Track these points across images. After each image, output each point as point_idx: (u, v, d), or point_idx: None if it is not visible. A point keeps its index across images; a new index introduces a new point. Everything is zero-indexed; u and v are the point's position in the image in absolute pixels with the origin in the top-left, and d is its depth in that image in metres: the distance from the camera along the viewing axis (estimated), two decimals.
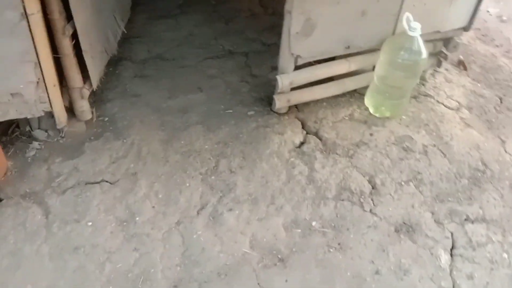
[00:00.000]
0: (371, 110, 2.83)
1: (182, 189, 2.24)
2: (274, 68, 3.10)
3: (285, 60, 2.53)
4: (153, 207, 2.15)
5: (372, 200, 2.28)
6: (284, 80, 2.56)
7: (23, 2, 1.87)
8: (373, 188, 2.34)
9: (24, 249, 1.92)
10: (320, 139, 2.61)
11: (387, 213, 2.22)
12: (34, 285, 1.80)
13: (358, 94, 2.96)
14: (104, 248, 1.94)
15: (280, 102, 2.65)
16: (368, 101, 2.84)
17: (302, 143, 2.58)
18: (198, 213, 2.14)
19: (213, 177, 2.32)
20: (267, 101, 2.83)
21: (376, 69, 2.70)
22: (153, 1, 3.65)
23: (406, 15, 2.47)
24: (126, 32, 3.09)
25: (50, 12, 2.09)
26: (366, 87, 2.85)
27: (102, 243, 1.96)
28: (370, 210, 2.23)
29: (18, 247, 1.92)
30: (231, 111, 2.77)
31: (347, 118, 2.79)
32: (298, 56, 2.52)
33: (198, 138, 2.55)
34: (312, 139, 2.60)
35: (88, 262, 1.88)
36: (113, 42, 2.80)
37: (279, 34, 2.49)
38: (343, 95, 2.90)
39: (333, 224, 2.14)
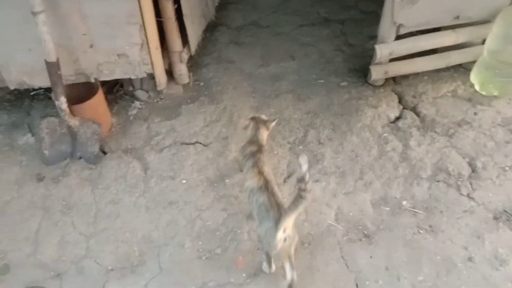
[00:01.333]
0: (477, 87, 2.59)
1: (270, 156, 2.26)
2: (372, 38, 2.95)
3: (386, 28, 2.38)
4: (241, 170, 2.20)
5: (470, 183, 2.11)
6: (383, 50, 2.42)
7: None
8: (473, 171, 2.17)
9: (124, 199, 2.08)
10: (418, 115, 2.45)
11: (486, 198, 2.05)
12: (131, 233, 1.96)
13: (463, 69, 2.72)
14: (196, 205, 2.04)
15: (377, 74, 2.53)
16: (474, 77, 2.60)
17: (397, 118, 2.45)
18: (284, 181, 2.15)
19: (300, 147, 2.31)
20: (362, 72, 2.72)
21: (487, 42, 2.44)
22: None
23: None
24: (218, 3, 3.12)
25: None
26: (473, 62, 2.60)
27: (194, 200, 2.06)
28: (468, 194, 2.07)
29: (119, 197, 2.09)
30: (323, 81, 2.71)
31: (449, 94, 2.59)
32: (400, 25, 2.36)
33: (287, 107, 2.54)
34: (409, 114, 2.46)
35: (181, 217, 2.00)
36: (211, 7, 2.85)
37: (378, 2, 2.34)
38: (446, 69, 2.69)
39: (425, 205, 2.03)
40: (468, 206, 2.02)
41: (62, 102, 2.09)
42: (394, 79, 2.65)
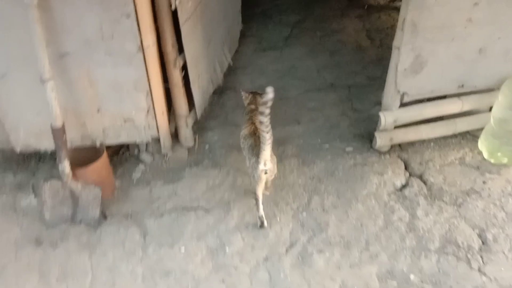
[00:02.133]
0: (485, 155, 2.55)
1: (272, 223, 2.21)
2: (377, 103, 2.97)
3: (390, 96, 2.40)
4: (243, 238, 2.14)
5: (481, 257, 2.02)
6: (387, 118, 2.42)
7: (140, 35, 2.03)
8: (483, 243, 2.08)
9: (120, 267, 2.02)
10: (425, 183, 2.40)
11: (498, 273, 1.94)
12: None
13: (471, 136, 2.69)
14: (193, 275, 1.97)
15: (382, 140, 2.51)
16: (482, 144, 2.57)
17: (404, 186, 2.40)
18: (286, 250, 2.08)
19: (304, 214, 2.25)
20: (368, 138, 2.71)
21: (493, 110, 2.44)
22: (261, 33, 3.76)
23: None
24: (232, 64, 3.21)
25: (164, 45, 2.25)
26: (480, 129, 2.58)
27: (192, 270, 1.99)
28: (479, 269, 1.97)
29: (115, 265, 2.03)
30: (328, 145, 2.70)
31: (457, 161, 2.54)
32: (404, 93, 2.38)
33: (292, 171, 2.51)
34: (416, 182, 2.41)
35: (177, 287, 1.92)
36: (219, 73, 2.92)
37: (385, 68, 2.37)
38: (453, 135, 2.67)
39: (434, 280, 1.93)
40: (479, 282, 1.92)
41: (65, 166, 2.11)
42: (400, 145, 2.63)
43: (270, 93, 1.75)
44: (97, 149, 2.36)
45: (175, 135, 2.62)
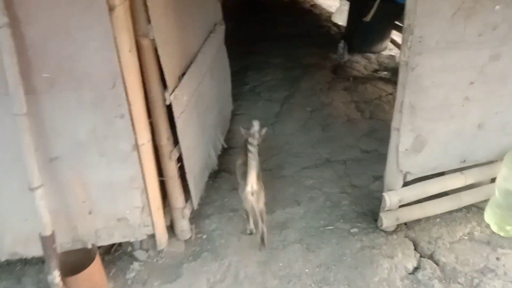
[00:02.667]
0: (493, 228, 2.47)
1: None
2: (376, 178, 2.92)
3: (393, 176, 2.34)
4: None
5: None
6: (392, 198, 2.35)
7: (135, 134, 1.95)
8: None
9: None
10: (437, 264, 2.29)
11: None
12: None
13: (476, 208, 2.63)
14: None
15: (388, 221, 2.42)
16: (489, 217, 2.50)
17: (416, 269, 2.28)
18: None
19: None
20: (371, 216, 2.61)
21: (497, 182, 2.40)
22: (252, 111, 3.74)
23: None
24: (225, 146, 3.15)
25: (159, 138, 2.18)
26: (485, 201, 2.52)
27: None
28: None
29: None
30: (331, 227, 2.59)
31: (466, 237, 2.45)
32: (407, 173, 2.32)
33: (297, 260, 2.38)
34: (428, 263, 2.30)
35: None
36: (213, 157, 2.85)
37: (378, 140, 2.34)
38: (459, 209, 2.59)
39: None
40: None
41: (55, 276, 1.94)
42: (406, 223, 2.54)
43: (255, 126, 2.32)
44: (88, 250, 2.20)
45: (170, 227, 2.48)
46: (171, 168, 2.27)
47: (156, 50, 1.96)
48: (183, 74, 2.25)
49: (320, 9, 6.31)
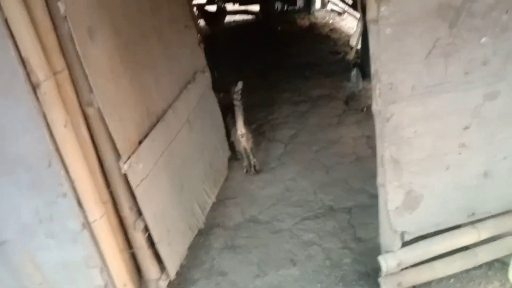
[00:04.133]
0: None
1: None
2: None
3: (388, 237, 2.03)
4: None
5: None
6: (389, 262, 2.03)
7: (84, 211, 1.80)
8: None
9: None
10: None
11: None
12: None
13: (499, 264, 2.23)
14: None
15: (389, 287, 2.09)
16: None
17: None
18: None
19: None
20: (375, 278, 2.28)
21: None
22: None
23: None
24: (215, 199, 2.95)
25: (120, 209, 2.03)
26: (510, 255, 2.13)
27: None
28: None
29: None
30: None
31: None
32: (403, 232, 2.00)
33: None
34: None
35: None
36: (200, 215, 2.65)
37: None
38: (478, 266, 2.21)
39: None
40: None
41: None
42: (414, 287, 2.19)
43: (239, 85, 2.84)
44: None
45: None
46: (138, 239, 2.10)
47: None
48: (146, 136, 2.10)
49: (340, 32, 6.03)
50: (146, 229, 2.13)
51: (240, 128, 2.98)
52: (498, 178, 1.95)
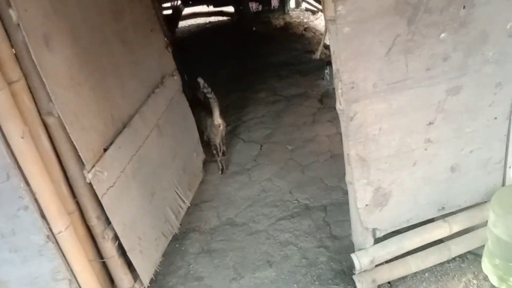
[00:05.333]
0: (493, 281, 2.09)
1: None
2: None
3: (360, 235, 2.03)
4: None
5: None
6: (362, 259, 2.03)
7: (47, 223, 1.76)
8: None
9: None
10: None
11: None
12: None
13: (472, 255, 2.26)
14: None
15: (363, 285, 2.09)
16: (487, 268, 2.12)
17: None
18: None
19: None
20: (350, 275, 2.28)
21: (488, 228, 2.03)
22: (229, 156, 3.51)
23: None
24: (190, 205, 2.92)
25: (87, 219, 1.98)
26: (482, 247, 2.15)
27: None
28: None
29: None
30: None
31: None
32: (375, 229, 2.01)
33: None
34: None
35: None
36: (173, 220, 2.61)
37: None
38: (452, 259, 2.23)
39: None
40: None
41: None
42: (389, 282, 2.20)
43: (201, 81, 2.94)
44: None
45: None
46: (108, 248, 2.06)
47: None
48: (111, 143, 2.05)
49: (314, 31, 6.05)
50: (116, 237, 2.09)
51: (217, 119, 3.11)
52: (466, 172, 1.96)
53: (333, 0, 1.45)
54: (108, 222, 2.04)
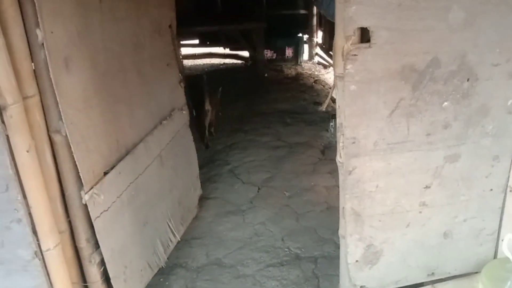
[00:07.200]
0: None
1: None
2: None
3: None
4: None
5: None
6: None
7: (37, 239, 1.76)
8: None
9: None
10: None
11: None
12: None
13: None
14: None
15: None
16: None
17: None
18: None
19: None
20: None
21: None
22: (226, 195, 3.52)
23: (510, 237, 1.85)
24: (181, 238, 2.90)
25: (77, 240, 1.98)
26: None
27: None
28: None
29: None
30: None
31: None
32: (363, 287, 1.98)
33: None
34: None
35: None
36: (161, 253, 2.59)
37: None
38: None
39: None
40: None
41: None
42: None
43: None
44: None
45: None
46: (93, 273, 2.04)
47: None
48: (113, 168, 2.08)
49: (323, 84, 6.21)
50: (103, 263, 2.07)
51: (207, 105, 3.91)
52: (458, 239, 1.97)
53: (343, 59, 1.52)
54: (97, 246, 2.03)
